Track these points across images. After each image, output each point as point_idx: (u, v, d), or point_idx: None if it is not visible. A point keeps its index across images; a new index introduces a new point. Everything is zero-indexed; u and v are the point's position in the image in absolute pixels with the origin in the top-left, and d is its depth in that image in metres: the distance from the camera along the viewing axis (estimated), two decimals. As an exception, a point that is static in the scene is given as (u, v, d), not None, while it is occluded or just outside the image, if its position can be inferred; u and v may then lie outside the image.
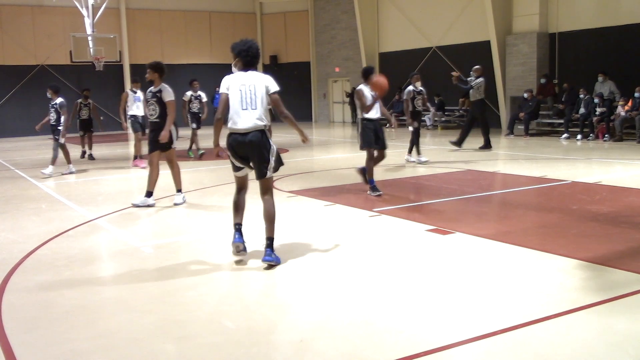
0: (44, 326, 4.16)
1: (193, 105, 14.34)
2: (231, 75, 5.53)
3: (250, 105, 5.38)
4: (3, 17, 24.89)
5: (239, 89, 5.41)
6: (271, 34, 30.43)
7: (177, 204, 8.40)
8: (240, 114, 5.38)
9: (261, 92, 5.43)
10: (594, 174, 10.34)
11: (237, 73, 5.51)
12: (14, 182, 11.45)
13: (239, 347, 3.69)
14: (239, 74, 5.49)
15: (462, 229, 6.43)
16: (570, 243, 5.87)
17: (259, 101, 5.40)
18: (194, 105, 14.35)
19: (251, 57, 5.47)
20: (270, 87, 5.46)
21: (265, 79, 5.49)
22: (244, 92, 5.39)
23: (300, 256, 5.74)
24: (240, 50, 5.50)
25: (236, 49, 5.54)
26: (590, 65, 17.78)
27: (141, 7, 27.51)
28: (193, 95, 14.36)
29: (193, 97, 14.35)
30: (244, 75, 5.46)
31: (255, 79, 5.45)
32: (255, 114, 5.38)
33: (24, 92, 25.28)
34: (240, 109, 5.37)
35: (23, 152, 18.47)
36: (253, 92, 5.40)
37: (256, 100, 5.39)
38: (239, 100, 5.39)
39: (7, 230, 7.25)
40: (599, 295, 4.33)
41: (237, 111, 5.38)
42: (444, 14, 22.59)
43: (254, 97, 5.39)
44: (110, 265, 5.90)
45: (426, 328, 3.88)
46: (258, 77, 5.47)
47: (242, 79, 5.44)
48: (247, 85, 5.41)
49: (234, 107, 5.39)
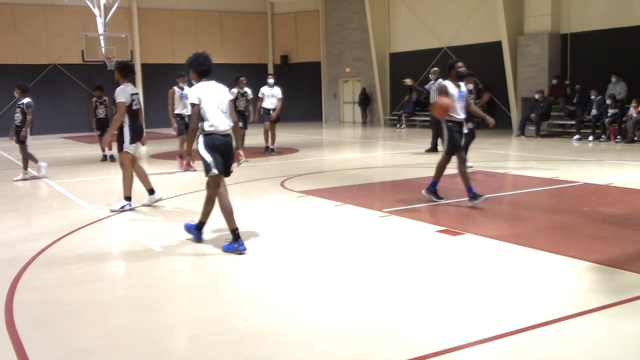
0: (55, 324, 4.18)
1: (239, 103, 13.41)
2: (197, 86, 5.94)
3: (222, 109, 5.91)
4: (16, 17, 25.08)
5: (211, 96, 5.89)
6: (282, 34, 30.47)
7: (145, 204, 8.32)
8: (220, 118, 5.87)
9: (227, 98, 6.04)
10: (605, 176, 10.28)
11: (201, 84, 5.94)
12: (25, 180, 11.52)
13: (248, 347, 3.70)
14: (204, 84, 5.95)
15: (472, 230, 6.41)
16: (581, 245, 5.84)
17: (227, 106, 5.99)
18: (240, 103, 13.45)
19: (207, 67, 6.00)
20: (229, 95, 6.15)
21: (224, 87, 6.09)
22: (217, 99, 5.91)
23: (309, 257, 5.74)
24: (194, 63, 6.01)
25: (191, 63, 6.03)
26: (602, 66, 17.68)
27: (153, 6, 27.63)
28: (240, 92, 13.50)
29: (240, 95, 13.49)
30: (210, 85, 5.97)
31: (220, 88, 6.04)
32: (227, 117, 5.94)
33: (36, 91, 25.35)
34: (220, 113, 5.88)
35: (35, 150, 18.52)
36: (222, 98, 5.98)
37: (226, 106, 5.98)
38: (216, 105, 5.87)
39: (19, 228, 7.30)
40: (610, 297, 4.31)
41: (217, 115, 5.85)
42: (455, 14, 22.54)
43: (224, 103, 5.98)
44: (120, 264, 5.93)
45: (435, 329, 3.87)
46: (220, 86, 6.07)
47: (210, 88, 5.94)
48: (217, 93, 5.95)
49: (214, 112, 5.83)
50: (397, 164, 12.76)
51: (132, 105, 7.93)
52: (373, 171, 11.95)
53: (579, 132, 16.94)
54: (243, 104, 13.58)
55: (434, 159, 13.09)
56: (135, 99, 8.02)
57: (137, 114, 8.06)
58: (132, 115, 7.98)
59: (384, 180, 10.85)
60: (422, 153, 14.23)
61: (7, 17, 24.90)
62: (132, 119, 7.97)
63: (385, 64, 26.25)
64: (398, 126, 24.20)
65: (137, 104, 8.07)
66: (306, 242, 6.33)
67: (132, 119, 7.97)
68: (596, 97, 16.64)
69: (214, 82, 6.02)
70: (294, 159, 14.08)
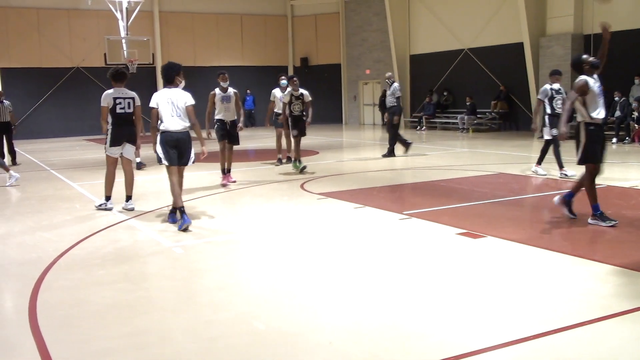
0: (77, 324, 4.23)
1: (294, 107, 11.67)
2: (157, 93, 7.39)
3: (176, 113, 7.21)
4: (40, 21, 25.43)
5: (166, 101, 7.24)
6: (302, 36, 30.52)
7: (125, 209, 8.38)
8: (171, 120, 7.20)
9: (182, 103, 7.26)
10: (630, 178, 10.13)
11: (162, 90, 7.37)
12: (49, 182, 11.68)
13: (268, 348, 3.71)
14: (164, 90, 7.35)
15: (493, 233, 6.36)
16: (605, 248, 5.77)
17: (182, 110, 7.24)
18: (295, 107, 11.69)
19: (167, 76, 7.36)
20: (187, 101, 7.30)
21: (182, 94, 7.32)
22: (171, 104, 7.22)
23: (330, 258, 5.74)
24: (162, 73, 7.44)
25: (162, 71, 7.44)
26: (625, 67, 17.43)
27: (174, 10, 27.84)
28: (293, 94, 11.68)
29: (293, 98, 11.67)
30: (168, 92, 7.30)
31: (177, 94, 7.29)
32: (181, 119, 7.24)
33: (60, 93, 25.80)
34: (172, 115, 7.20)
35: (59, 152, 18.82)
36: (177, 103, 7.24)
37: (181, 110, 7.23)
38: (169, 109, 7.20)
39: (43, 229, 7.40)
40: (634, 302, 4.24)
41: (169, 118, 7.20)
42: (476, 15, 22.39)
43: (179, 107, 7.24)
44: (142, 265, 5.98)
45: (456, 333, 3.85)
46: (178, 93, 7.31)
47: (166, 95, 7.27)
48: (172, 99, 7.24)
49: (166, 114, 7.20)
50: (417, 166, 12.71)
51: (116, 108, 8.06)
52: (393, 173, 11.91)
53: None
54: (298, 107, 11.71)
55: (453, 161, 13.03)
56: (122, 102, 8.10)
57: (122, 117, 8.13)
58: (116, 119, 8.11)
59: (404, 183, 10.81)
60: (379, 158, 14.08)
61: (31, 21, 25.26)
62: (115, 122, 8.11)
63: (405, 66, 26.15)
64: (418, 128, 24.10)
65: (124, 108, 8.13)
66: (326, 244, 6.32)
67: (115, 122, 8.11)
68: (620, 99, 16.42)
69: (174, 89, 7.32)
70: (314, 161, 14.08)
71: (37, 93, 25.42)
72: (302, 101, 11.70)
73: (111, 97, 8.05)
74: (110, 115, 8.09)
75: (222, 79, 10.53)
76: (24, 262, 5.90)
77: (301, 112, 11.76)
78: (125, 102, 8.14)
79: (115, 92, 8.11)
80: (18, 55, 25.11)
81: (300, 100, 11.69)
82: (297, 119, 11.76)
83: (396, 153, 14.23)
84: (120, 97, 8.11)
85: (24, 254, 6.22)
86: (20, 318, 4.36)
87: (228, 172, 10.67)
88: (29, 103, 25.04)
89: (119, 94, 8.12)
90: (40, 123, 25.36)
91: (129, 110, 8.17)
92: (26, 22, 25.17)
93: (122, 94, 8.14)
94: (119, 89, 8.16)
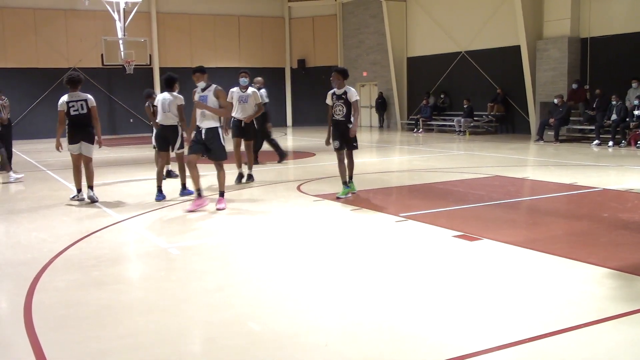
0: (73, 325, 4.22)
1: (336, 110, 8.90)
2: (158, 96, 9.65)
3: (165, 110, 9.29)
4: (37, 21, 25.39)
5: (160, 102, 9.37)
6: (299, 38, 30.53)
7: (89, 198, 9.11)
8: (162, 115, 9.35)
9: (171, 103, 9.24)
10: (625, 182, 10.16)
11: (162, 94, 9.53)
12: (45, 182, 11.66)
13: (264, 350, 3.70)
14: (162, 94, 9.49)
15: (489, 236, 6.36)
16: (601, 251, 5.77)
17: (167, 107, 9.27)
18: (337, 109, 8.90)
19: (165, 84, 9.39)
20: (178, 101, 9.33)
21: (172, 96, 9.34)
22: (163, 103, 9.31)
23: (326, 260, 5.74)
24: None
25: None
26: (622, 71, 17.49)
27: (171, 11, 27.82)
28: (336, 94, 8.93)
29: (335, 97, 8.93)
30: (163, 95, 9.39)
31: (168, 96, 9.35)
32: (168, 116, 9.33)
33: (56, 94, 25.49)
34: (162, 112, 9.32)
35: (55, 153, 18.70)
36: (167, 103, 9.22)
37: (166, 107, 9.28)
38: (161, 107, 9.31)
39: (38, 230, 7.38)
40: (630, 305, 4.25)
41: (160, 114, 9.37)
42: (473, 18, 22.43)
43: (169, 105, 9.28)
44: (137, 266, 5.97)
45: (452, 335, 3.85)
46: (169, 95, 9.36)
47: (162, 97, 9.39)
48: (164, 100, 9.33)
49: (159, 111, 9.37)
50: (414, 168, 12.72)
51: (70, 111, 8.88)
52: (390, 175, 11.92)
53: (598, 137, 16.75)
54: (340, 110, 8.86)
55: (450, 164, 13.05)
56: (75, 105, 8.91)
57: (76, 118, 8.94)
58: (71, 120, 8.98)
59: (401, 185, 10.82)
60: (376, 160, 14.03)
61: (28, 21, 25.22)
62: (70, 123, 9.00)
63: (402, 68, 26.19)
64: (415, 130, 24.12)
65: (77, 110, 8.92)
66: (323, 246, 6.32)
67: (70, 123, 9.00)
68: (617, 102, 16.46)
69: (165, 93, 9.37)
70: (311, 162, 14.08)
71: (33, 93, 25.36)
72: (344, 102, 8.83)
73: (65, 102, 8.91)
74: (67, 117, 8.95)
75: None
76: (20, 262, 5.89)
77: (345, 117, 8.84)
78: (78, 104, 8.95)
79: (69, 97, 8.94)
80: (14, 55, 25.07)
81: (343, 101, 8.83)
82: (340, 125, 8.90)
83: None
84: (73, 100, 8.93)
85: (20, 255, 6.20)
86: (15, 319, 4.34)
87: (221, 196, 8.58)
88: (26, 103, 24.97)
89: (72, 97, 8.94)
90: (36, 124, 25.28)
91: (82, 111, 8.96)
92: (23, 22, 25.13)
93: (75, 98, 8.95)
94: (73, 93, 8.97)
